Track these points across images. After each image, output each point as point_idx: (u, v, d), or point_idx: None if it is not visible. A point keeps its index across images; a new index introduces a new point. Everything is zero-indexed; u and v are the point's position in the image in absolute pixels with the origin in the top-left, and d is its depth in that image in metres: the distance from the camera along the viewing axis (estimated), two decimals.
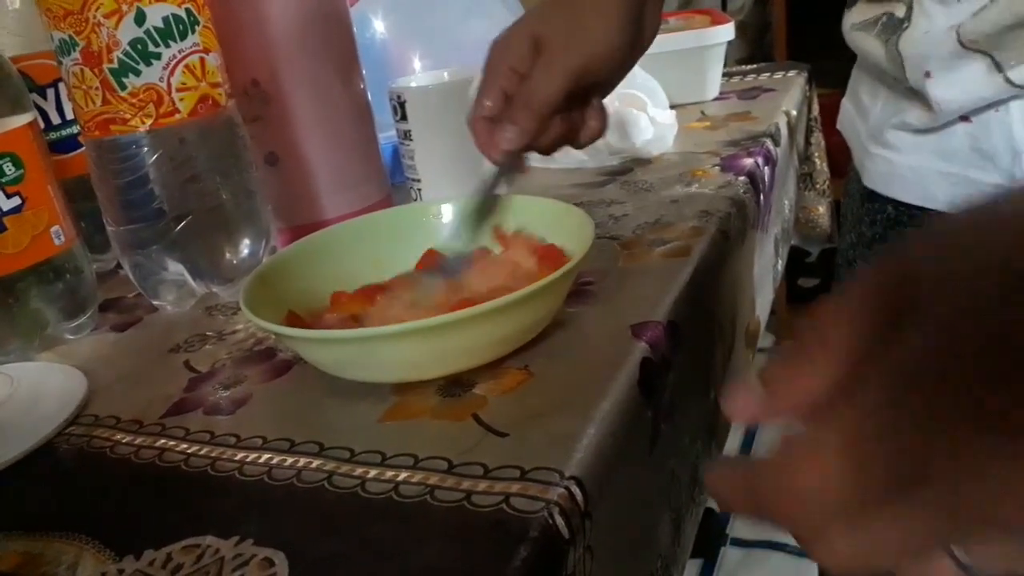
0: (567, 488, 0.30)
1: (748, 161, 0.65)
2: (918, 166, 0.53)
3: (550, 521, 0.29)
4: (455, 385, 0.38)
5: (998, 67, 0.46)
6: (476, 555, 0.28)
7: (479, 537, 0.28)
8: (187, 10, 0.47)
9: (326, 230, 0.49)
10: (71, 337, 0.50)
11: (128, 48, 0.46)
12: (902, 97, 0.53)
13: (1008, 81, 0.46)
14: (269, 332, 0.38)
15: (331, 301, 0.44)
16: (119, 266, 0.59)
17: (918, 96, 0.51)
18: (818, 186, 0.94)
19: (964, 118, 0.50)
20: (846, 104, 0.62)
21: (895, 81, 0.53)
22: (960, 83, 0.48)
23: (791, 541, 0.29)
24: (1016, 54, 0.46)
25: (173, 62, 0.47)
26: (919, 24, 0.49)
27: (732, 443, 1.68)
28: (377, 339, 0.37)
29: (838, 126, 0.63)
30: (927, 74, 0.49)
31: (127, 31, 0.45)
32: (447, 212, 0.49)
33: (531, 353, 0.40)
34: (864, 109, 0.58)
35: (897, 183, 0.55)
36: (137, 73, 0.46)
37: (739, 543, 1.46)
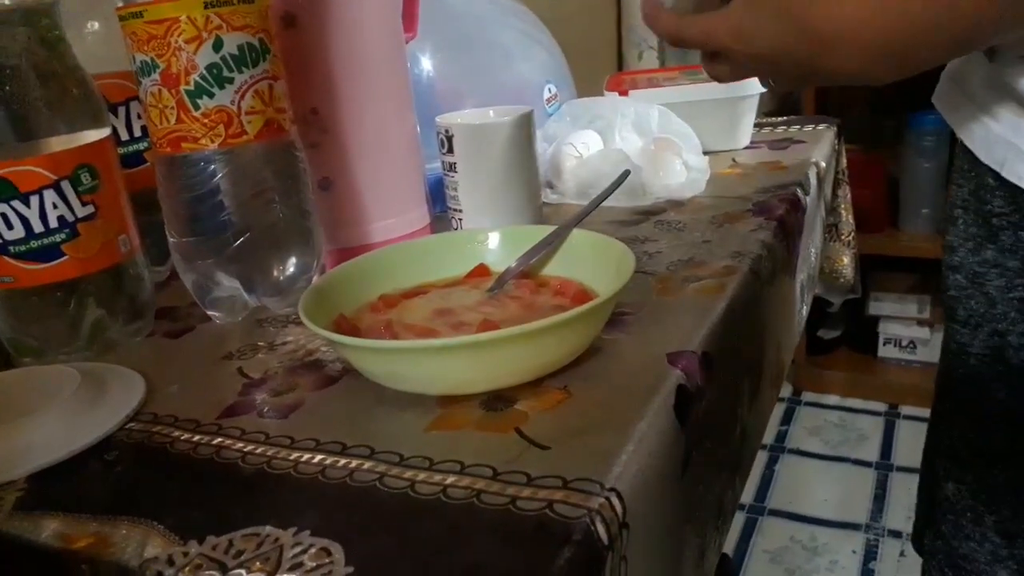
0: (607, 499, 0.32)
1: (779, 207, 0.67)
2: None
3: (592, 527, 0.30)
4: (497, 400, 0.40)
5: None
6: (522, 554, 0.30)
7: (524, 538, 0.30)
8: (260, 40, 0.51)
9: (380, 250, 0.52)
10: (128, 341, 0.53)
11: (204, 72, 0.49)
12: None
13: None
14: (325, 338, 0.40)
15: (375, 302, 0.48)
16: (171, 278, 0.62)
17: None
18: (843, 237, 0.96)
19: None
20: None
21: None
22: None
23: None
24: None
25: (244, 87, 0.50)
26: None
27: (751, 485, 1.68)
28: (419, 351, 0.39)
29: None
30: None
31: (205, 56, 0.49)
32: (494, 239, 0.52)
33: (570, 375, 0.42)
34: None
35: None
36: (211, 96, 0.49)
37: None
